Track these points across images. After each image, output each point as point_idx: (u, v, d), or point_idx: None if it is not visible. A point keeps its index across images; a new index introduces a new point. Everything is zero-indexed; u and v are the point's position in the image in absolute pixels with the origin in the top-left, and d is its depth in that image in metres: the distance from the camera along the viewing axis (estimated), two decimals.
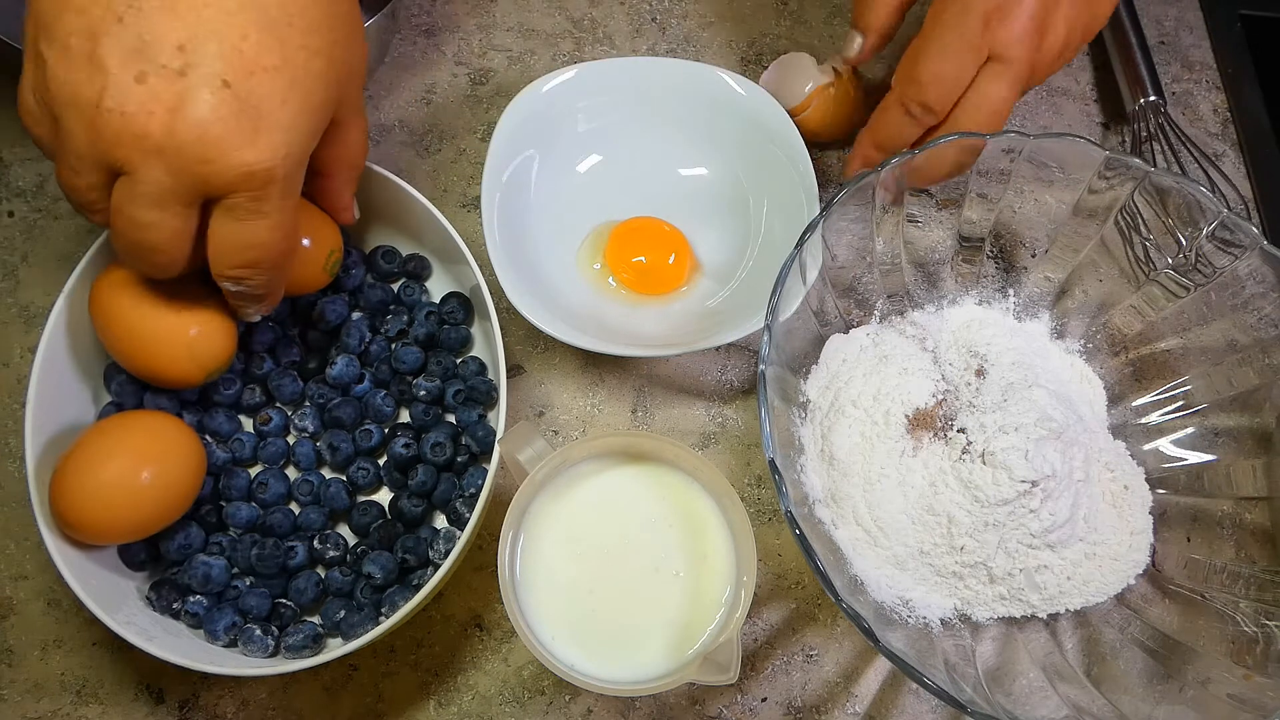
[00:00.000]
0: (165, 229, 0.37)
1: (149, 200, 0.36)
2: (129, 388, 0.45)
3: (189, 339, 0.42)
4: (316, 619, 0.44)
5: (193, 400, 0.47)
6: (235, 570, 0.44)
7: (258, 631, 0.42)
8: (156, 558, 0.44)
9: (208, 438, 0.46)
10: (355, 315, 0.49)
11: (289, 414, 0.48)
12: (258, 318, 0.43)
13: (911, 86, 0.47)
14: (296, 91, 0.36)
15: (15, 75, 0.36)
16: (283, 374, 0.47)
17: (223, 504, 0.45)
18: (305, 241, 0.44)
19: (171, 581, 0.43)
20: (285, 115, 0.36)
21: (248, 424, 0.48)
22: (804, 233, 0.43)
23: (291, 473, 0.47)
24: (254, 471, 0.46)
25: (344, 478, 0.47)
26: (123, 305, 0.42)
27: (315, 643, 0.43)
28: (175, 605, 0.43)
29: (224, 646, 0.43)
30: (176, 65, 0.34)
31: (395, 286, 0.51)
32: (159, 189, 0.35)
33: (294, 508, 0.47)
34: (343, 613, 0.43)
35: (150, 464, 0.41)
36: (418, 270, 0.51)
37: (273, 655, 0.42)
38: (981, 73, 0.46)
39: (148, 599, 0.43)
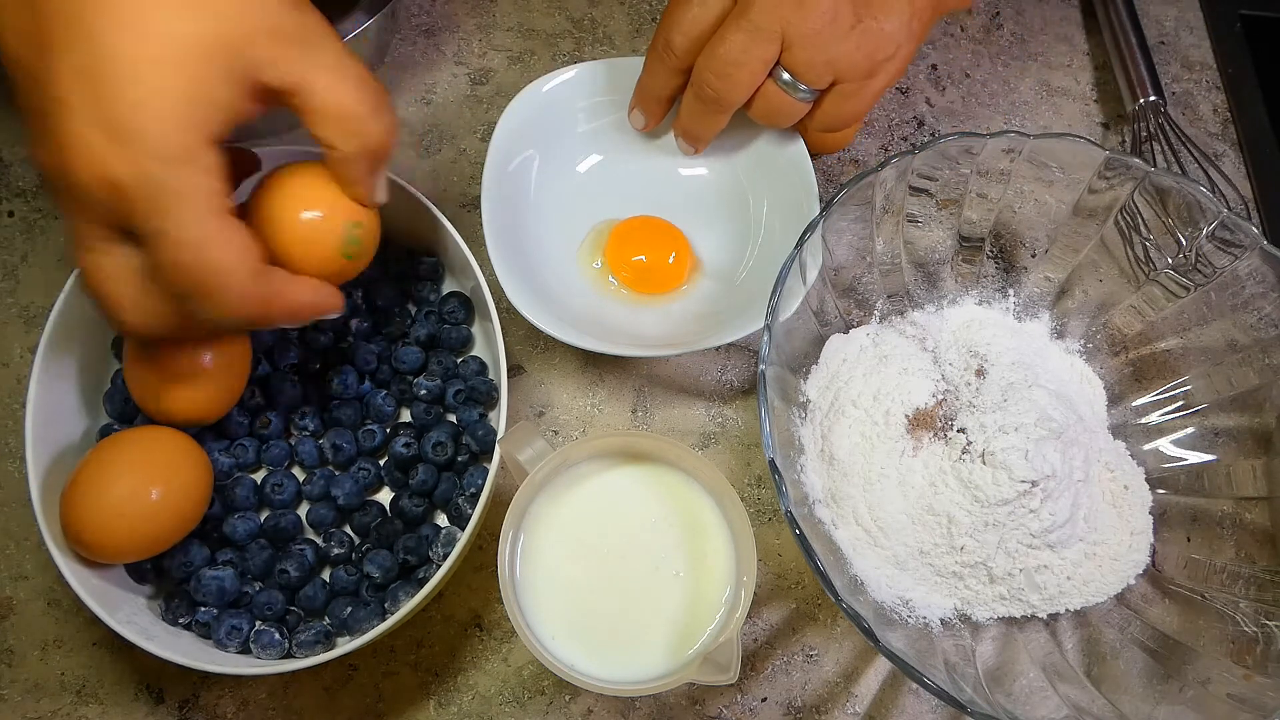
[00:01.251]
0: (101, 271, 0.34)
1: (76, 241, 0.34)
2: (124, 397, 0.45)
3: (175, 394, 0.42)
4: (324, 620, 0.44)
5: None
6: (247, 576, 0.44)
7: (276, 635, 0.42)
8: (161, 572, 0.44)
9: (209, 444, 0.45)
10: (355, 321, 0.48)
11: (288, 414, 0.48)
12: (334, 314, 0.40)
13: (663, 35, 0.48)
14: (141, 87, 0.31)
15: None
16: (281, 379, 0.47)
17: (224, 523, 0.45)
18: (308, 214, 0.38)
19: (183, 594, 0.43)
20: (138, 119, 0.31)
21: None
22: (804, 233, 0.43)
23: (297, 472, 0.47)
24: (258, 476, 0.46)
25: (351, 476, 0.47)
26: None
27: (326, 639, 0.43)
28: (183, 620, 0.43)
29: (237, 653, 0.43)
30: (54, 94, 0.32)
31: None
32: (74, 227, 0.34)
33: (300, 508, 0.47)
34: (349, 609, 0.43)
35: (160, 481, 0.40)
36: (431, 273, 0.50)
37: (286, 656, 0.42)
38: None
39: (164, 619, 0.43)
